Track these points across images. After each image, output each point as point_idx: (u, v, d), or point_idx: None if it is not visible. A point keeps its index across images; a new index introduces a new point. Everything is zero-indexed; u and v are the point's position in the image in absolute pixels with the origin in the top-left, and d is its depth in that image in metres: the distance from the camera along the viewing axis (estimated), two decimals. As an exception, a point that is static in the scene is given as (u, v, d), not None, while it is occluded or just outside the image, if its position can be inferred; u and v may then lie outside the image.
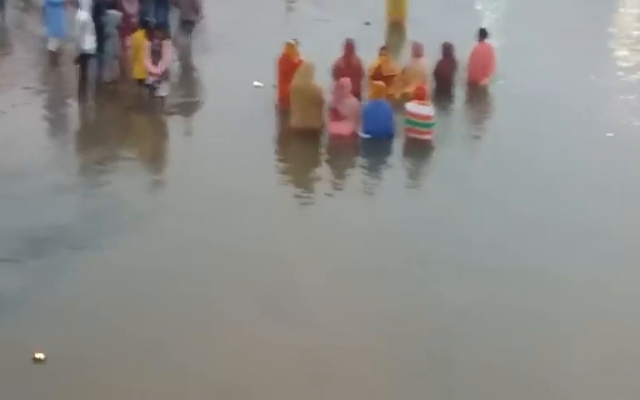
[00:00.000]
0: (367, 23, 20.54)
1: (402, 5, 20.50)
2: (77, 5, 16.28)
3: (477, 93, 16.89)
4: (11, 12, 19.88)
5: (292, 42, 15.67)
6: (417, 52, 16.65)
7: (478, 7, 22.99)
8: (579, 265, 11.14)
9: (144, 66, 15.68)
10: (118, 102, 16.05)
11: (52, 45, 17.51)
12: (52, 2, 17.39)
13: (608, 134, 15.45)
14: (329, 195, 13.08)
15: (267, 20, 20.63)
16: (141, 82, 15.95)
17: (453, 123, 15.73)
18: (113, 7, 16.71)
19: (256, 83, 16.83)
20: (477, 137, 15.45)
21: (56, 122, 15.52)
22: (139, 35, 16.11)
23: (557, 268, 11.02)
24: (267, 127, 15.18)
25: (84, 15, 15.68)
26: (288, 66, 15.33)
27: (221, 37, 19.33)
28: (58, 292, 10.21)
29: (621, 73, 18.75)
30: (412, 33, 19.29)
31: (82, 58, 15.78)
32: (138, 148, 14.64)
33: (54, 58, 17.52)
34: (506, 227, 12.09)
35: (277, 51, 15.82)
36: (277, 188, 13.23)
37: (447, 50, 16.86)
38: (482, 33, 17.32)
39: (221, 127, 15.06)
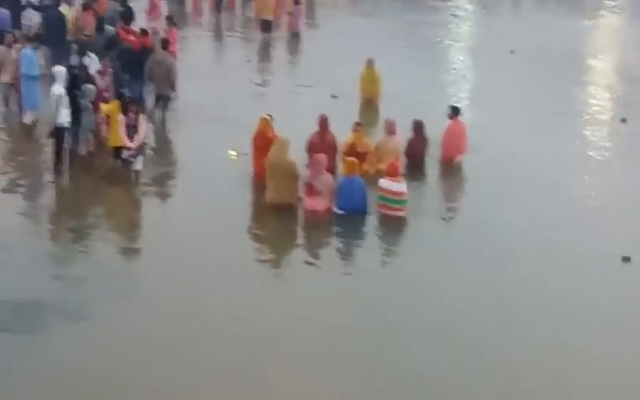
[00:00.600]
0: (335, 96, 20.89)
1: (375, 83, 20.74)
2: (51, 78, 16.38)
3: (450, 169, 17.09)
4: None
5: (267, 117, 15.84)
6: (390, 129, 16.86)
7: (448, 84, 23.34)
8: (548, 333, 11.39)
9: (119, 134, 15.76)
10: (93, 174, 16.03)
11: (28, 118, 17.55)
12: (28, 75, 17.44)
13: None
14: (304, 268, 13.11)
15: (240, 94, 20.83)
16: (116, 150, 16.02)
17: (426, 199, 15.89)
18: (87, 80, 16.80)
19: (231, 152, 17.01)
20: (450, 211, 15.65)
21: (31, 195, 15.47)
22: (114, 105, 16.25)
23: (528, 337, 11.27)
24: (242, 200, 15.23)
25: (59, 89, 15.74)
26: (263, 141, 15.48)
27: (196, 111, 19.50)
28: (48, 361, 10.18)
29: (587, 148, 19.10)
30: (384, 110, 19.53)
31: (57, 132, 15.78)
32: (113, 221, 14.60)
33: (30, 131, 17.54)
34: (478, 295, 12.26)
35: (252, 123, 16.00)
36: (252, 262, 13.23)
37: (418, 127, 17.10)
38: (455, 111, 17.59)
39: (196, 200, 15.11)
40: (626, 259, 13.63)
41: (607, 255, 13.67)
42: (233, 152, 17.05)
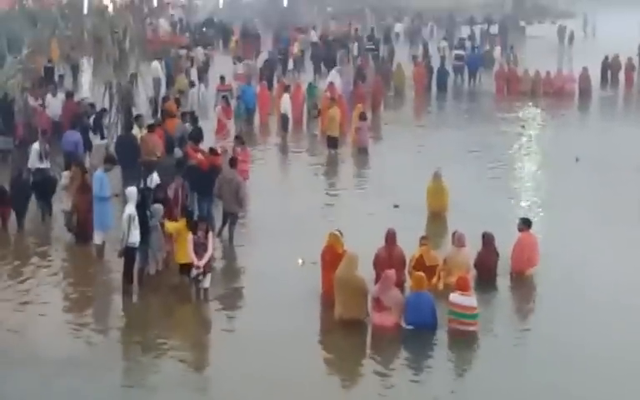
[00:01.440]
0: (396, 206, 20.96)
1: (442, 195, 20.69)
2: (124, 200, 16.68)
3: (521, 283, 16.82)
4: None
5: (336, 233, 15.85)
6: (460, 242, 16.74)
7: (517, 195, 23.20)
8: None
9: (187, 253, 15.89)
10: (162, 294, 16.17)
11: (99, 238, 17.82)
12: (99, 196, 17.77)
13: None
14: (375, 389, 12.91)
15: (308, 210, 20.95)
16: (183, 267, 16.14)
17: (498, 313, 15.63)
18: (156, 201, 17.07)
19: (299, 261, 17.22)
20: (522, 328, 15.29)
21: (102, 316, 15.60)
22: (181, 223, 16.44)
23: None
24: (311, 316, 15.17)
25: (131, 209, 16.02)
26: (332, 256, 15.48)
27: (264, 228, 19.64)
28: None
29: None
30: (452, 223, 19.42)
31: (128, 251, 16.00)
32: (181, 342, 14.59)
33: (100, 251, 17.80)
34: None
35: (320, 238, 16.02)
36: (322, 382, 13.09)
37: (488, 240, 16.94)
38: (525, 223, 17.40)
39: (264, 316, 15.11)
40: None
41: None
42: (301, 261, 17.22)
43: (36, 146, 20.76)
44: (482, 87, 40.29)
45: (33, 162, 20.45)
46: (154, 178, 18.58)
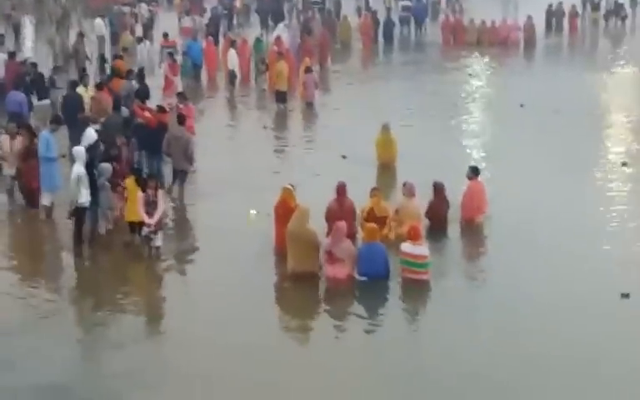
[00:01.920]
0: (344, 157, 21.09)
1: (391, 147, 20.77)
2: (71, 159, 16.49)
3: (472, 231, 17.00)
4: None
5: (289, 187, 15.84)
6: (410, 192, 16.81)
7: (464, 143, 23.39)
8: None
9: (137, 211, 15.80)
10: (114, 253, 16.08)
11: (47, 199, 17.61)
12: (46, 157, 17.54)
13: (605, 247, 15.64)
14: (329, 342, 12.99)
15: (258, 165, 20.91)
16: (133, 224, 16.06)
17: (449, 261, 15.79)
18: (105, 159, 16.91)
19: (252, 212, 17.28)
20: (473, 276, 15.47)
21: (53, 275, 15.47)
22: (130, 181, 16.31)
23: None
24: (264, 272, 15.17)
25: (79, 169, 15.84)
26: (286, 210, 15.46)
27: (214, 184, 19.56)
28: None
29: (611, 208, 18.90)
30: (402, 173, 19.53)
31: (78, 212, 15.85)
32: (134, 299, 14.54)
33: (48, 212, 17.61)
34: (510, 363, 12.12)
35: (270, 192, 16.00)
36: (276, 337, 13.14)
37: (438, 189, 17.05)
38: (474, 171, 17.55)
39: (217, 274, 15.07)
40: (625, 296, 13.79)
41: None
42: (254, 212, 17.27)
43: None
44: (429, 38, 40.38)
45: None
46: (88, 135, 18.32)
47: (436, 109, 26.80)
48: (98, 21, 33.97)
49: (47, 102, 23.31)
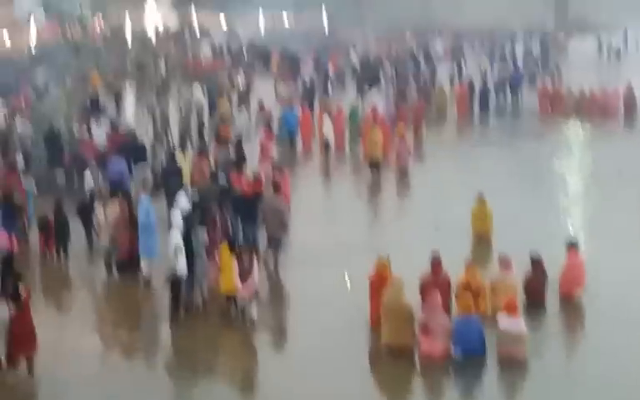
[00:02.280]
0: (437, 229, 20.93)
1: (486, 218, 20.54)
2: (169, 227, 16.77)
3: (570, 305, 16.61)
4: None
5: (384, 259, 15.74)
6: (505, 264, 16.57)
7: (561, 207, 23.01)
8: None
9: (232, 281, 15.90)
10: (210, 322, 16.21)
11: (145, 267, 17.84)
12: (146, 223, 17.81)
13: None
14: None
15: (352, 234, 20.89)
16: (229, 297, 16.18)
17: (547, 337, 15.43)
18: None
19: (346, 278, 17.50)
20: (572, 349, 15.09)
21: (150, 346, 15.67)
22: (225, 250, 16.44)
23: None
24: (358, 344, 15.09)
25: (177, 237, 16.09)
26: (381, 282, 15.38)
27: (308, 253, 19.63)
28: None
29: None
30: (497, 246, 19.27)
31: (175, 280, 16.06)
32: (229, 369, 14.60)
33: (146, 280, 17.86)
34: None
35: (364, 263, 15.93)
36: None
37: (536, 262, 16.75)
38: (573, 244, 17.20)
39: (311, 345, 15.08)
40: None
41: None
42: (347, 278, 17.53)
43: (87, 172, 20.98)
44: (526, 106, 40.00)
45: (89, 185, 20.66)
46: (181, 202, 18.56)
47: (533, 178, 26.44)
48: (197, 88, 34.79)
49: (146, 169, 23.81)
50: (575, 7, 72.58)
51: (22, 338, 14.06)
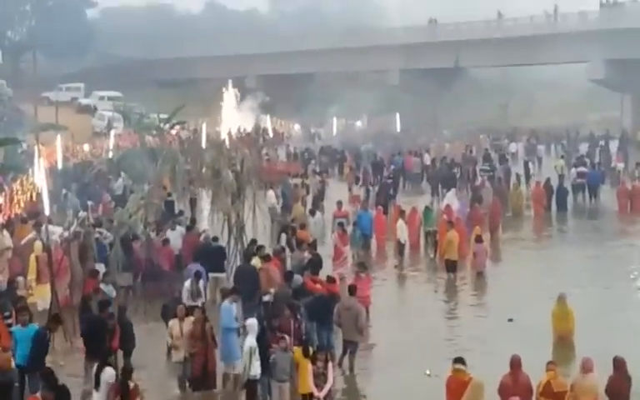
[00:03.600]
0: (511, 320, 20.80)
1: (567, 319, 20.07)
2: (244, 331, 16.71)
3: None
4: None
5: (462, 367, 15.34)
6: (586, 367, 16.07)
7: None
8: None
9: (307, 382, 15.71)
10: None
11: (226, 369, 17.63)
12: (228, 327, 17.72)
13: None
14: None
15: (428, 337, 20.57)
16: (304, 397, 15.97)
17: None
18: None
19: (427, 372, 17.30)
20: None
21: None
22: (298, 352, 16.34)
23: None
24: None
25: (251, 341, 16.03)
26: (458, 384, 15.01)
27: (385, 356, 19.36)
28: None
29: None
30: (579, 346, 18.76)
31: (250, 384, 15.95)
32: None
33: (227, 383, 17.66)
34: None
35: (441, 365, 15.63)
36: None
37: (619, 364, 16.18)
38: (658, 347, 16.66)
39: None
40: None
41: None
42: (428, 372, 17.29)
43: (187, 284, 20.79)
44: (604, 205, 39.39)
45: (187, 301, 20.50)
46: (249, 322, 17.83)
47: (614, 277, 25.86)
48: (270, 192, 35.12)
49: (223, 274, 23.84)
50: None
51: None
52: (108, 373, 15.03)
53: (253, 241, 24.81)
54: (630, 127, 67.15)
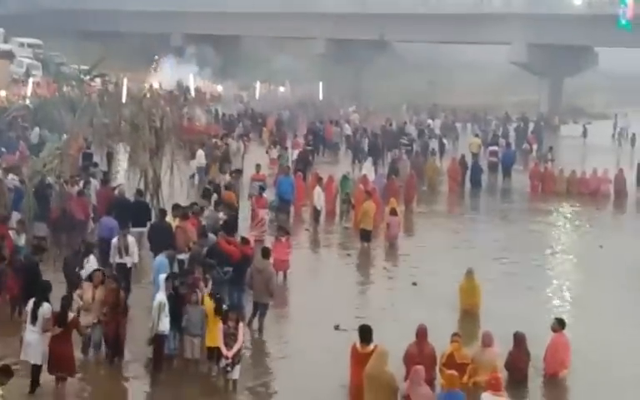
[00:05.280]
0: (414, 284, 21.77)
1: (475, 293, 20.53)
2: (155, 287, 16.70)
3: (553, 385, 16.55)
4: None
5: (367, 345, 15.46)
6: (486, 341, 16.56)
7: (548, 287, 23.15)
8: None
9: (216, 337, 15.88)
10: (191, 383, 16.05)
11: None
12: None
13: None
14: None
15: (339, 302, 20.81)
16: (211, 351, 16.15)
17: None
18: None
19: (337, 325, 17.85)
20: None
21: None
22: (208, 302, 16.53)
23: None
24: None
25: (161, 296, 16.04)
26: (362, 356, 15.21)
27: (294, 320, 19.58)
28: None
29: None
30: (484, 321, 19.25)
31: (158, 339, 15.97)
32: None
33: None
34: None
35: (349, 332, 15.88)
36: None
37: (519, 340, 16.74)
38: (560, 324, 17.18)
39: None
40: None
41: None
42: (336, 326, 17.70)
43: (114, 241, 20.34)
44: (517, 185, 40.23)
45: (113, 257, 20.29)
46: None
47: (520, 256, 26.50)
48: (200, 152, 35.20)
49: (142, 229, 23.51)
50: (568, 94, 73.61)
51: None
52: (46, 307, 15.07)
53: (175, 204, 24.30)
54: (546, 111, 68.60)
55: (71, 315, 15.19)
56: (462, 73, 79.54)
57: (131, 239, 20.37)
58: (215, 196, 26.13)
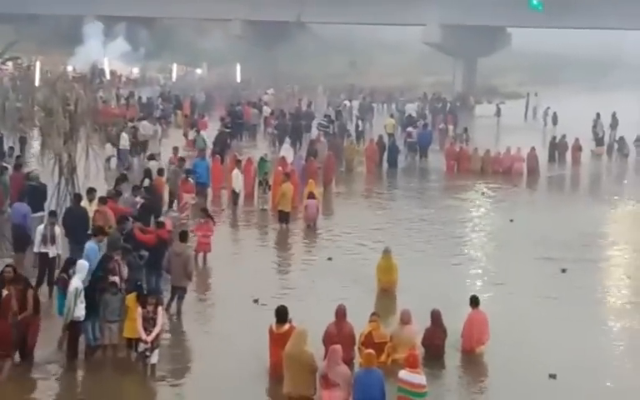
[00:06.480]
0: (330, 259, 21.86)
1: (392, 272, 20.76)
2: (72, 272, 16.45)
3: (470, 361, 16.86)
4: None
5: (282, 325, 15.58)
6: (404, 319, 16.79)
7: (464, 265, 23.61)
8: None
9: (135, 326, 15.74)
10: (109, 368, 15.93)
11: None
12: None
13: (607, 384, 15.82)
14: None
15: (257, 283, 20.83)
16: (130, 341, 16.04)
17: (446, 391, 15.62)
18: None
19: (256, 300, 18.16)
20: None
21: (44, 389, 15.27)
22: (132, 297, 16.32)
23: None
24: (258, 394, 15.04)
25: (78, 282, 15.83)
26: (280, 336, 15.31)
27: (212, 303, 19.53)
28: None
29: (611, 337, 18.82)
30: (402, 299, 19.50)
31: (73, 325, 15.78)
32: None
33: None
34: None
35: (269, 313, 15.94)
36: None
37: (436, 317, 17.03)
38: (475, 301, 17.50)
39: (211, 395, 14.97)
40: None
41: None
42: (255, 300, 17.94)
43: (40, 228, 19.76)
44: (433, 165, 40.74)
45: (38, 246, 19.78)
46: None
47: (437, 235, 26.88)
48: (124, 135, 35.52)
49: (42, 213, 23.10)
50: (482, 74, 74.62)
51: None
52: None
53: (90, 188, 23.90)
54: (461, 91, 69.49)
55: (4, 292, 14.90)
56: (379, 54, 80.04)
57: (57, 229, 19.97)
58: (147, 181, 25.99)
